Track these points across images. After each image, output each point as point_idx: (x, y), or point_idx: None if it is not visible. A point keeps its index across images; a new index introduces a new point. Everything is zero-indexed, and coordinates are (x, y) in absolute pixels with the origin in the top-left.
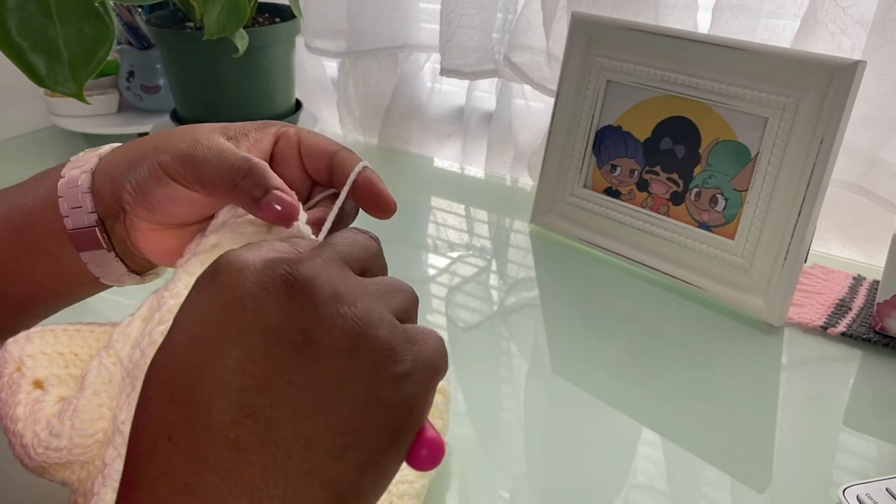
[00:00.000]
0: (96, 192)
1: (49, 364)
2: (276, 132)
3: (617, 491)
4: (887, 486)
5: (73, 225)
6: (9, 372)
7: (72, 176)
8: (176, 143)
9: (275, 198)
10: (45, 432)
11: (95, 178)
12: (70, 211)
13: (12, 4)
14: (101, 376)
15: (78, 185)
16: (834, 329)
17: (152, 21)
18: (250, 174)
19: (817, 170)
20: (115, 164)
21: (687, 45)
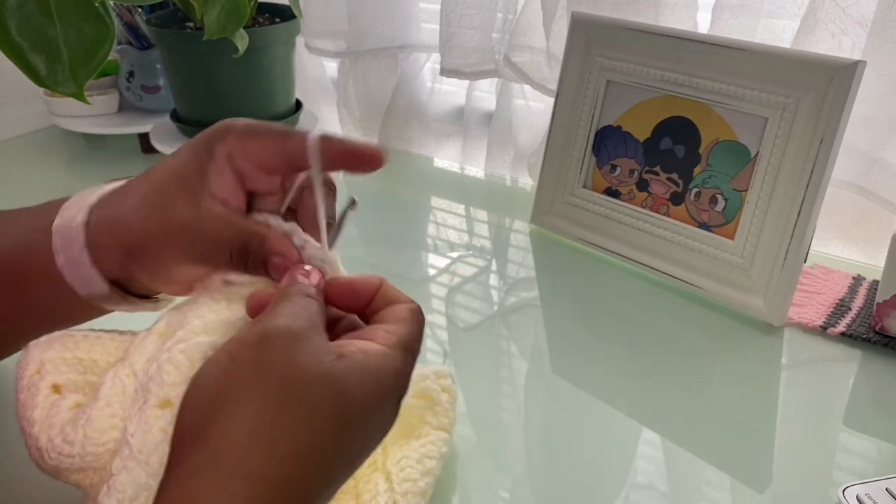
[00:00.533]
0: (100, 266)
1: (68, 369)
2: (225, 154)
3: (617, 491)
4: (887, 486)
5: (88, 293)
6: (29, 374)
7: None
8: (165, 235)
9: (275, 264)
10: (58, 438)
11: (93, 255)
12: (77, 282)
13: (12, 4)
14: (115, 388)
15: (80, 262)
16: (834, 329)
17: (152, 21)
18: (251, 255)
19: (817, 170)
20: (110, 249)
21: (687, 45)
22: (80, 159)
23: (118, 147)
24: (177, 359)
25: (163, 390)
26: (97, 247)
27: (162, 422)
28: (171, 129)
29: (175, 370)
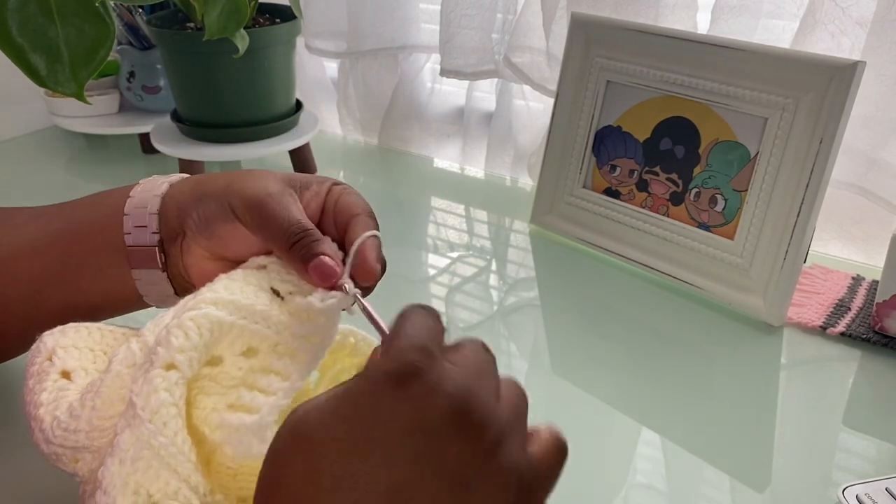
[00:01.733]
0: (162, 215)
1: (79, 357)
2: (329, 187)
3: (616, 490)
4: (887, 486)
5: (134, 241)
6: (40, 361)
7: (142, 198)
8: (245, 189)
9: (318, 264)
10: (65, 415)
11: (163, 203)
12: (133, 228)
13: (13, 5)
14: (126, 359)
15: (146, 207)
16: (833, 329)
17: (153, 21)
18: (302, 241)
19: (817, 170)
20: (184, 194)
21: (687, 45)
22: (80, 159)
23: (119, 147)
24: (185, 324)
25: (169, 353)
26: (170, 194)
27: (167, 383)
28: (171, 130)
29: (183, 335)
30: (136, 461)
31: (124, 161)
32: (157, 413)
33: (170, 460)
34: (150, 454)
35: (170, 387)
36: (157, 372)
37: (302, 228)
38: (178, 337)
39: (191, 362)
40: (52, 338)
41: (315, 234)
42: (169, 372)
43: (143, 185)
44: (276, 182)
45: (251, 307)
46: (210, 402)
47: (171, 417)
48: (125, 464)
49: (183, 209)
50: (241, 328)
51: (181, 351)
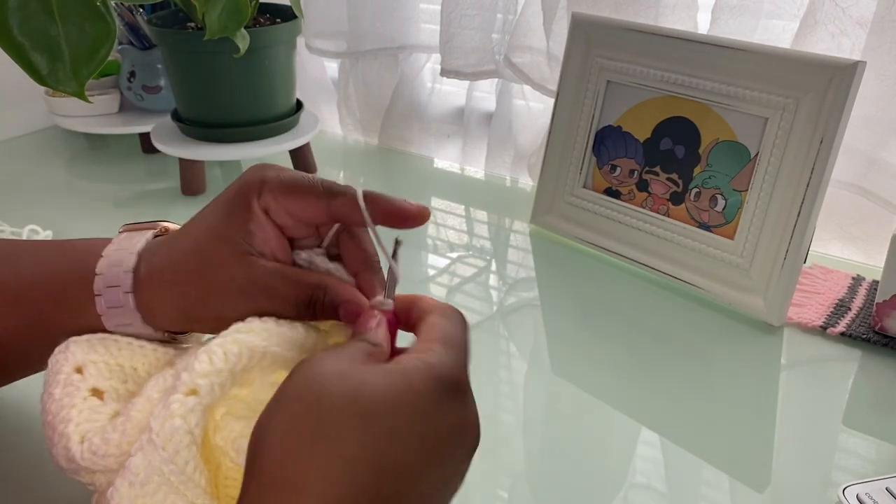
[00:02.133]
0: (156, 326)
1: (110, 375)
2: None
3: (616, 491)
4: (887, 486)
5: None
6: (67, 371)
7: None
8: (227, 300)
9: (347, 311)
10: (97, 437)
11: (146, 317)
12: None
13: (14, 3)
14: (158, 385)
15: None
16: (833, 329)
17: (153, 21)
18: (318, 305)
19: (817, 170)
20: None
21: (687, 45)
22: (81, 159)
23: (119, 147)
24: (212, 349)
25: (192, 378)
26: (152, 313)
27: (184, 409)
28: (171, 129)
29: (208, 360)
30: (146, 485)
31: (124, 161)
32: (171, 440)
33: (179, 486)
34: (160, 479)
35: (185, 413)
36: (177, 397)
37: (305, 298)
38: (202, 362)
39: (212, 387)
40: (80, 349)
41: (319, 293)
42: (188, 398)
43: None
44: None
45: (284, 334)
46: (239, 427)
47: (185, 446)
48: (135, 486)
49: (180, 325)
50: (273, 355)
51: (203, 376)
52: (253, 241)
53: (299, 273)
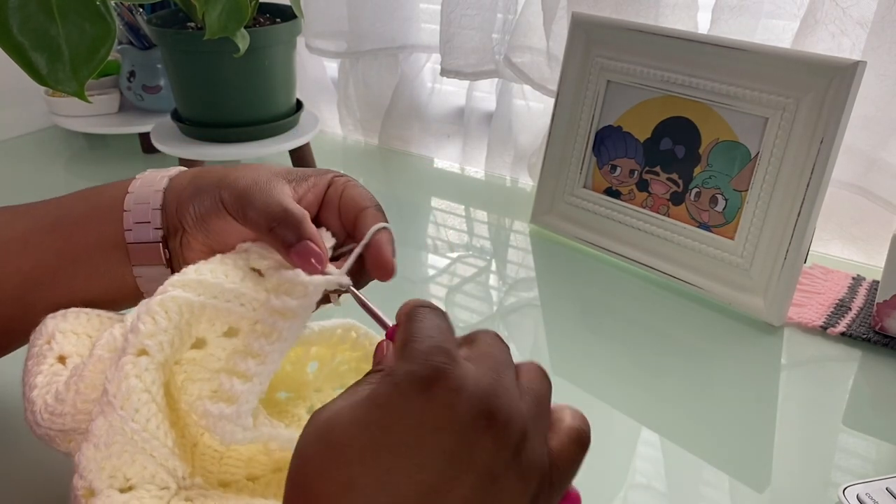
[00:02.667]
0: (163, 210)
1: (77, 343)
2: (330, 179)
3: (616, 490)
4: (887, 486)
5: (136, 238)
6: (40, 343)
7: (142, 193)
8: (237, 181)
9: (302, 246)
10: (52, 399)
11: (164, 198)
12: (134, 225)
13: (14, 3)
14: (108, 344)
15: (148, 202)
16: (833, 329)
17: (153, 21)
18: (284, 222)
19: (817, 170)
20: (182, 189)
21: (687, 45)
22: (80, 159)
23: (119, 147)
24: (153, 309)
25: (139, 339)
26: (171, 187)
27: (137, 369)
28: (171, 129)
29: (151, 320)
30: (110, 446)
31: (124, 161)
32: (128, 399)
33: (144, 445)
34: (124, 440)
35: (140, 373)
36: (128, 359)
37: (282, 210)
38: (145, 323)
39: (161, 346)
40: (54, 321)
41: (296, 217)
42: (139, 357)
43: (142, 180)
44: (268, 172)
45: (219, 286)
46: (196, 389)
47: (143, 404)
48: (100, 448)
49: (181, 204)
50: (213, 308)
51: (150, 336)
52: (302, 185)
53: (295, 203)
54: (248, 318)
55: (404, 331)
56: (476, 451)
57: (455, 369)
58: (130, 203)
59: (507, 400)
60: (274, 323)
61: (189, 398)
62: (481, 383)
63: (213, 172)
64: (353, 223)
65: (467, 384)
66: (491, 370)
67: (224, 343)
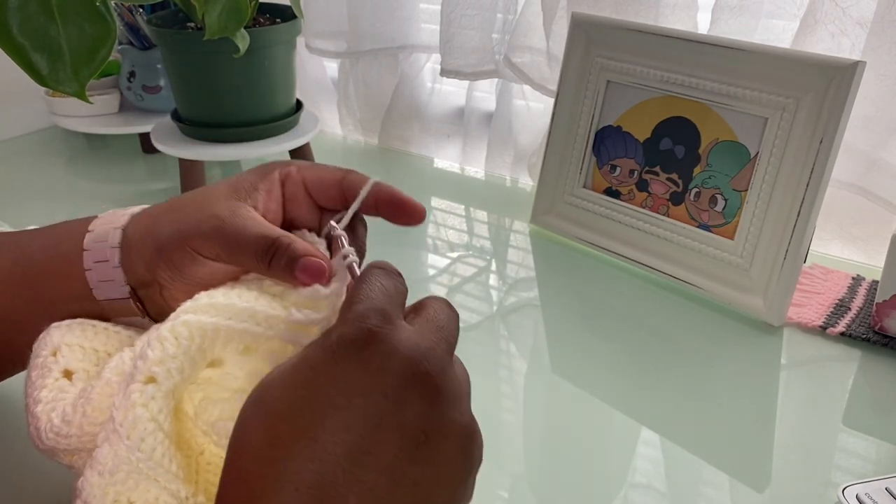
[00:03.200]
0: (126, 267)
1: (83, 357)
2: (280, 175)
3: (616, 490)
4: (887, 486)
5: (105, 296)
6: (45, 355)
7: (98, 248)
8: (201, 226)
9: (304, 264)
10: (58, 419)
11: (123, 253)
12: (99, 284)
13: (14, 4)
14: (118, 368)
15: (108, 261)
16: (833, 329)
17: (153, 21)
18: (277, 254)
19: (817, 170)
20: (143, 244)
21: (687, 45)
22: (80, 159)
23: (119, 147)
24: (163, 335)
25: (147, 366)
26: (129, 246)
27: (144, 397)
28: (171, 129)
29: (160, 346)
30: (115, 474)
31: (124, 161)
32: (135, 429)
33: (149, 472)
34: (129, 468)
35: (147, 401)
36: (136, 386)
37: (269, 241)
38: (154, 349)
39: (170, 372)
40: (59, 332)
41: (285, 240)
42: (147, 385)
43: (94, 234)
44: (222, 203)
45: (232, 306)
46: (217, 410)
47: (149, 433)
48: (104, 476)
49: (149, 262)
50: (227, 330)
51: (159, 363)
52: (255, 197)
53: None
54: (264, 336)
55: (350, 292)
56: (406, 413)
57: (390, 332)
58: (89, 261)
59: (442, 364)
60: (297, 338)
61: (210, 418)
62: (418, 346)
63: (164, 221)
64: (339, 195)
65: (401, 347)
66: (431, 333)
67: (241, 361)
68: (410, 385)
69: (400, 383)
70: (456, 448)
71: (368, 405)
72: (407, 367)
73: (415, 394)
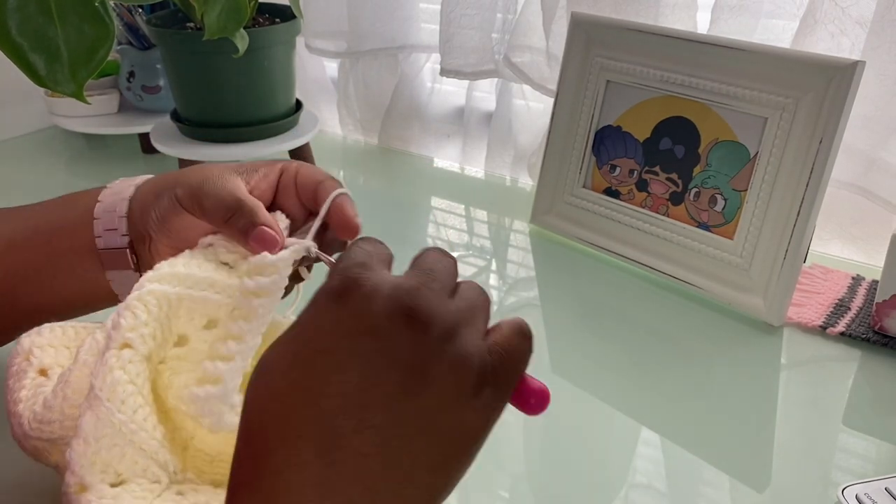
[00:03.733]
0: (130, 217)
1: (55, 355)
2: (281, 167)
3: (616, 490)
4: (886, 486)
5: (105, 245)
6: (18, 361)
7: (110, 201)
8: (190, 178)
9: (259, 232)
10: (40, 407)
11: (131, 205)
12: (104, 232)
13: (12, 4)
14: (91, 348)
15: (115, 211)
16: (833, 329)
17: (152, 21)
18: (239, 212)
19: (816, 170)
20: (145, 195)
21: (686, 45)
22: (80, 159)
23: (118, 147)
24: (132, 304)
25: (120, 333)
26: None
27: (121, 361)
28: (171, 130)
29: (131, 314)
30: (100, 440)
31: (124, 161)
32: (114, 391)
33: (132, 437)
34: (112, 432)
35: (124, 364)
36: (112, 353)
37: (235, 200)
38: (126, 317)
39: (143, 338)
40: (29, 339)
41: (249, 206)
42: (122, 350)
43: (112, 188)
44: (220, 167)
45: (192, 276)
46: (182, 380)
47: (129, 395)
48: (89, 443)
49: (144, 211)
50: (189, 298)
51: (131, 329)
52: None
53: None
54: (224, 305)
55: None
56: (396, 348)
57: (370, 276)
58: (100, 211)
59: (430, 299)
60: (249, 304)
61: (176, 391)
62: (401, 286)
63: (170, 175)
64: (313, 199)
65: (381, 287)
66: (422, 274)
67: (205, 336)
68: (395, 320)
69: (384, 320)
70: (454, 375)
71: (356, 345)
72: (389, 304)
73: (402, 328)
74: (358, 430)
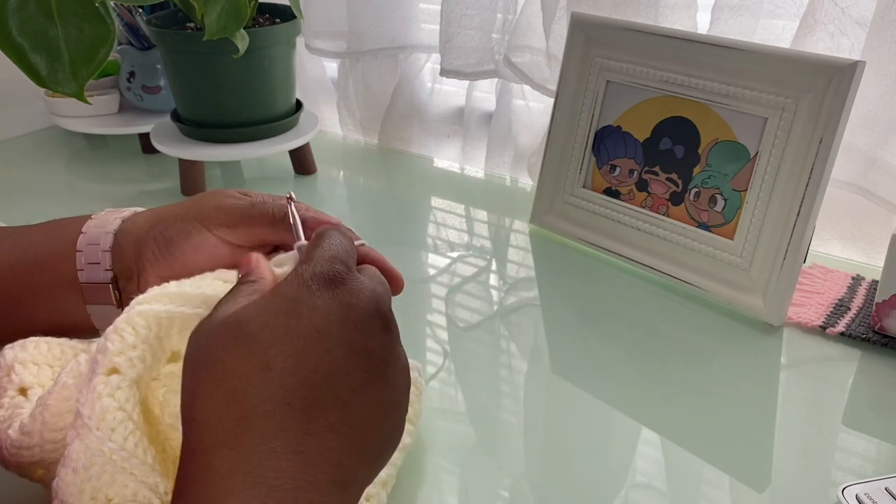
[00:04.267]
0: (117, 251)
1: (37, 373)
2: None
3: (616, 490)
4: (886, 486)
5: (87, 279)
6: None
7: (94, 234)
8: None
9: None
10: (15, 433)
11: (117, 239)
12: (86, 265)
13: (13, 5)
14: (72, 371)
15: (98, 244)
16: (833, 329)
17: (153, 21)
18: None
19: (816, 170)
20: (140, 226)
21: (686, 45)
22: (80, 159)
23: (119, 147)
24: (119, 327)
25: (108, 358)
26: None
27: (109, 388)
28: (171, 130)
29: (118, 338)
30: (89, 468)
31: (124, 161)
32: (103, 419)
33: (123, 464)
34: (103, 460)
35: (112, 391)
36: (100, 378)
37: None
38: (113, 341)
39: (132, 362)
40: (12, 352)
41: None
42: (111, 377)
43: (97, 220)
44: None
45: (185, 294)
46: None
47: (119, 422)
48: (78, 472)
49: (140, 240)
50: (182, 316)
51: (119, 353)
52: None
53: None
54: None
55: (314, 243)
56: (370, 342)
57: (353, 278)
58: (83, 244)
59: (389, 306)
60: None
61: (174, 409)
62: (375, 291)
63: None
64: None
65: (363, 289)
66: (380, 285)
67: None
68: (374, 319)
69: (366, 317)
70: (402, 374)
71: (343, 333)
72: (370, 305)
73: (377, 326)
74: (334, 404)
